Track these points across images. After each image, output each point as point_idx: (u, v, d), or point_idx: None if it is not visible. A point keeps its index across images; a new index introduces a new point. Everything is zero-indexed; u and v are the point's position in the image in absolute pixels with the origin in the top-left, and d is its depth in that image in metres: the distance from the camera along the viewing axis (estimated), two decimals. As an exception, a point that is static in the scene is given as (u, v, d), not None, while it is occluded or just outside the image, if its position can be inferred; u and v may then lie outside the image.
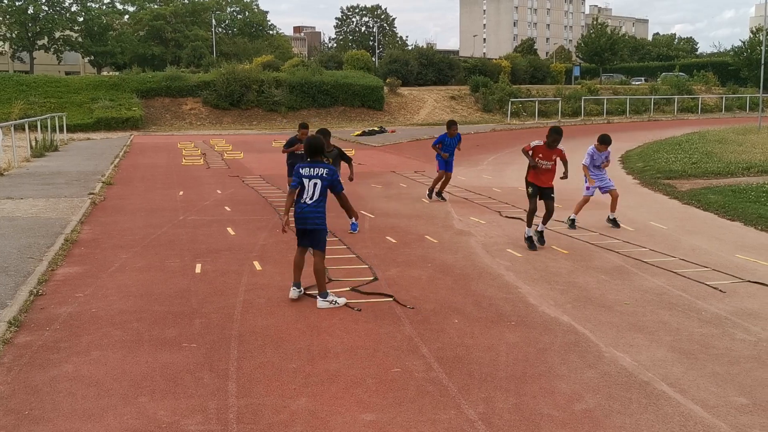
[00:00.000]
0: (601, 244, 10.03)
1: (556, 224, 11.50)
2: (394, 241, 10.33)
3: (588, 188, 11.46)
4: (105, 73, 62.69)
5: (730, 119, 45.84)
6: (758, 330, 6.43)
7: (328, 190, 7.32)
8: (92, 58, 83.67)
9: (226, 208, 13.21)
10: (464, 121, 44.07)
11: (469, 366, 5.56)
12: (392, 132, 35.22)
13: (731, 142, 24.72)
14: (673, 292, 7.67)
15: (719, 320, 6.72)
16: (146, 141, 31.44)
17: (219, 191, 15.41)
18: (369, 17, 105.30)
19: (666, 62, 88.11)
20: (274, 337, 6.17)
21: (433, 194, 14.33)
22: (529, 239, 9.86)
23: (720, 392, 5.11)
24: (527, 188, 10.00)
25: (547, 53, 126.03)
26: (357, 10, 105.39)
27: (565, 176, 10.09)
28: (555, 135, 9.81)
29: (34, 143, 23.52)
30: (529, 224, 9.94)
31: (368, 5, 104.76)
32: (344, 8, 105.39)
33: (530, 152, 9.87)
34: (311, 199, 7.23)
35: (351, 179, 11.34)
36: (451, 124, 14.56)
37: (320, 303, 7.06)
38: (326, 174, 7.26)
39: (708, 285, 7.91)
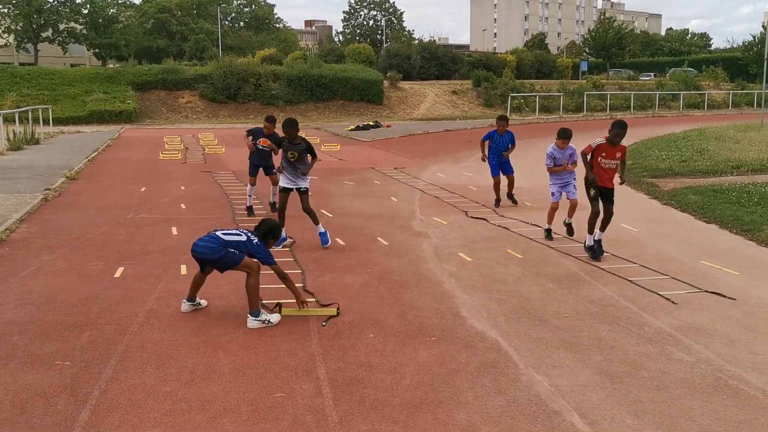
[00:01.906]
0: (561, 248, 9.42)
1: (522, 225, 10.90)
2: (342, 243, 9.75)
3: (553, 194, 10.14)
4: (110, 66, 62.25)
5: (735, 115, 44.91)
6: (699, 349, 5.82)
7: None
8: (97, 50, 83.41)
9: (182, 205, 12.67)
10: (465, 116, 43.47)
11: (363, 391, 4.98)
12: (387, 126, 34.61)
13: (729, 140, 23.94)
14: (620, 303, 7.06)
15: (660, 337, 6.10)
16: (135, 134, 30.97)
17: (183, 187, 14.88)
18: (377, 11, 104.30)
19: (676, 57, 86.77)
20: (161, 354, 5.61)
21: (502, 202, 12.70)
22: (590, 249, 8.86)
23: (636, 425, 4.51)
24: (588, 190, 8.97)
25: (558, 48, 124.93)
26: (365, 4, 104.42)
27: (622, 181, 9.30)
28: (619, 130, 8.68)
29: (12, 136, 23.05)
30: (591, 230, 8.94)
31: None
32: (352, 2, 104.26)
33: (590, 154, 8.85)
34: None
35: (304, 174, 10.57)
36: (501, 120, 12.70)
37: (251, 323, 6.29)
38: None
39: (661, 295, 7.29)
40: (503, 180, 12.88)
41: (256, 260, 6.45)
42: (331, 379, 5.16)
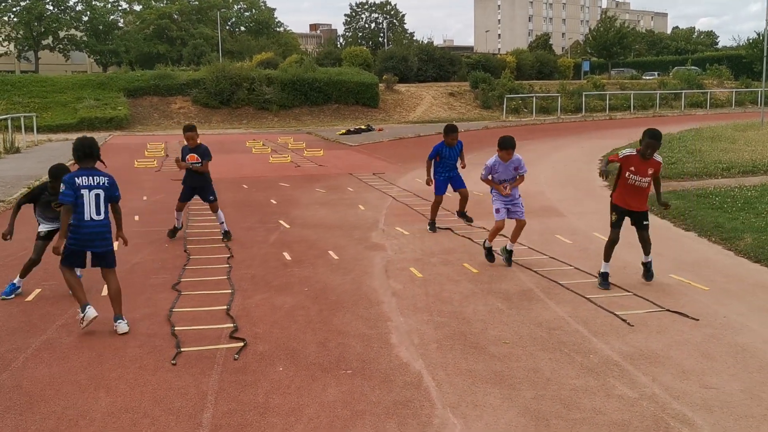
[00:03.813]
0: (522, 261, 8.74)
1: (481, 236, 10.22)
2: (288, 258, 9.11)
3: (497, 210, 8.51)
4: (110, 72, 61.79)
5: (739, 114, 44.09)
6: (646, 382, 5.14)
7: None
8: (98, 57, 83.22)
9: (135, 217, 12.06)
10: (461, 118, 42.76)
11: (245, 439, 4.33)
12: (379, 130, 33.95)
13: (725, 140, 23.21)
14: (570, 326, 6.38)
15: (605, 367, 5.42)
16: (122, 141, 30.47)
17: (145, 198, 14.30)
18: (378, 13, 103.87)
19: (681, 56, 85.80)
20: (34, 396, 4.97)
21: (435, 225, 10.79)
22: (603, 277, 7.56)
23: (550, 484, 3.84)
24: (611, 213, 7.64)
25: (562, 48, 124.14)
26: (366, 6, 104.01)
27: (665, 205, 8.03)
28: (651, 140, 7.18)
29: (-12, 146, 22.54)
30: (607, 258, 7.59)
31: (377, 1, 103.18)
32: (353, 4, 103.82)
33: (613, 160, 7.54)
34: (98, 214, 6.10)
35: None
36: (450, 131, 10.58)
37: (122, 326, 6.18)
38: (107, 183, 6.21)
39: (617, 315, 6.61)
40: (444, 198, 10.87)
41: (115, 264, 6.41)
42: (215, 425, 4.52)
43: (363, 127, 34.45)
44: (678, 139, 23.82)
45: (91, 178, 6.16)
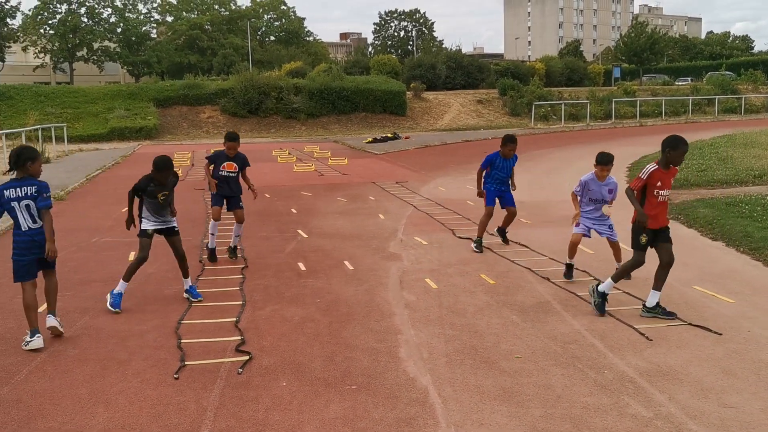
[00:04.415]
0: (541, 272, 8.52)
1: (509, 246, 10.02)
2: (303, 268, 9.00)
3: (578, 224, 8.03)
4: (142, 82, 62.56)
5: (774, 120, 43.20)
6: (662, 400, 4.91)
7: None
8: (131, 68, 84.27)
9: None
10: (489, 125, 42.51)
11: (240, 458, 4.20)
12: (406, 138, 33.81)
13: (758, 146, 22.70)
14: (586, 339, 6.17)
15: (620, 383, 5.21)
16: (150, 151, 30.62)
17: (167, 207, 14.25)
18: (407, 21, 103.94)
19: (714, 61, 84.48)
20: (32, 411, 4.90)
21: (482, 242, 9.89)
22: (600, 294, 6.88)
23: None
24: (639, 237, 6.76)
25: (593, 55, 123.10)
26: (395, 15, 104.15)
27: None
28: (686, 147, 6.62)
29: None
30: (620, 279, 7.10)
31: (407, 9, 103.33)
32: (382, 13, 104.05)
33: (639, 190, 6.68)
34: (34, 222, 6.17)
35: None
36: (509, 141, 9.77)
37: (52, 321, 6.34)
38: (35, 191, 6.18)
39: (635, 329, 6.38)
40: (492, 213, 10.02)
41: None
42: (211, 443, 4.40)
43: (389, 135, 34.33)
44: (710, 146, 23.34)
45: (19, 189, 6.12)
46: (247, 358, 5.82)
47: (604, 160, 7.94)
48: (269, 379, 5.42)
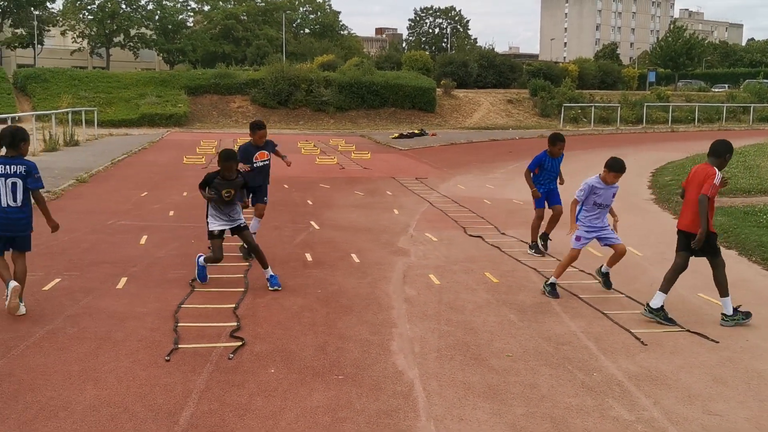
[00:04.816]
0: (546, 273, 8.48)
1: (519, 245, 9.99)
2: (309, 259, 9.06)
3: (578, 238, 7.54)
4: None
5: (810, 130, 42.38)
6: (647, 404, 4.88)
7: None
8: (166, 55, 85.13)
9: (171, 212, 12.19)
10: (518, 125, 42.31)
11: (217, 441, 4.26)
12: (432, 135, 33.77)
13: (788, 156, 22.32)
14: (580, 341, 6.14)
15: (607, 386, 5.18)
16: (178, 138, 30.98)
17: (185, 193, 14.45)
18: (442, 19, 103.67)
19: (754, 69, 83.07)
20: (23, 385, 5.00)
21: (539, 245, 9.66)
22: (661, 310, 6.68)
23: (518, 507, 3.66)
24: (715, 242, 6.78)
25: (630, 59, 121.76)
26: (431, 12, 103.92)
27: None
28: (731, 153, 6.72)
29: (48, 137, 23.13)
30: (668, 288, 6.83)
31: (442, 6, 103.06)
32: (417, 9, 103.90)
33: (714, 195, 6.58)
34: (14, 201, 6.35)
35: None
36: (557, 139, 9.55)
37: (22, 308, 6.50)
38: (24, 171, 6.36)
39: (631, 333, 6.34)
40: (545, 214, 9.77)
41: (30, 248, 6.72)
42: (191, 425, 4.46)
43: (416, 131, 34.29)
44: (738, 154, 22.91)
45: (8, 166, 6.32)
46: (239, 344, 5.88)
47: (620, 168, 7.44)
48: (258, 365, 5.48)
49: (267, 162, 9.19)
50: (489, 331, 6.40)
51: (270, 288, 7.53)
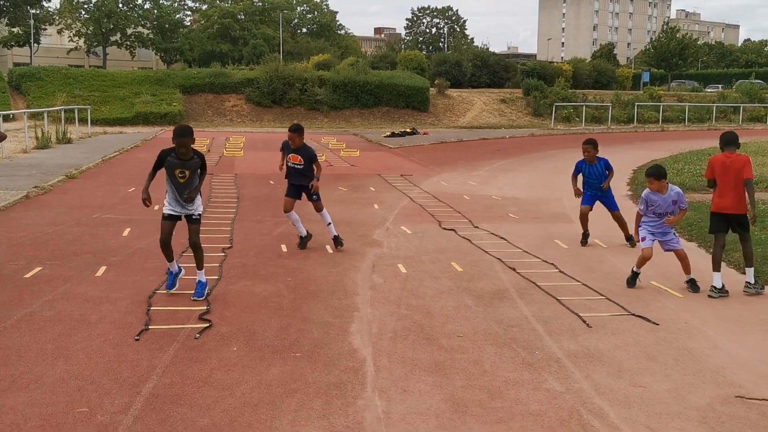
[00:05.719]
0: (509, 262, 8.86)
1: (489, 237, 10.36)
2: (284, 250, 9.44)
3: (643, 239, 7.88)
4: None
5: (799, 130, 42.78)
6: (579, 378, 5.26)
7: None
8: (163, 54, 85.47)
9: (155, 207, 12.50)
10: (511, 125, 42.63)
11: (176, 409, 4.64)
12: (424, 134, 34.11)
13: (766, 154, 22.69)
14: (529, 324, 6.51)
15: (546, 363, 5.56)
16: (171, 136, 31.23)
17: (172, 189, 14.76)
18: (440, 18, 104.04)
19: (747, 69, 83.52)
20: (-1, 358, 5.37)
21: (585, 236, 10.16)
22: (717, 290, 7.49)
23: (442, 464, 4.03)
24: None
25: (627, 59, 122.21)
26: (428, 11, 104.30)
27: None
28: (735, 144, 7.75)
29: (40, 135, 23.46)
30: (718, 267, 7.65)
31: (439, 6, 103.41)
32: (415, 9, 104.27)
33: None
34: None
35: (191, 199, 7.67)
36: (583, 143, 10.23)
37: None
38: None
39: (579, 316, 6.71)
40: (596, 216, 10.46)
41: None
42: (152, 395, 4.83)
43: (408, 130, 34.62)
44: (718, 152, 23.33)
45: None
46: (206, 325, 6.24)
47: (652, 173, 7.85)
48: (222, 344, 5.85)
49: (299, 166, 9.30)
50: (445, 315, 6.77)
51: (192, 298, 6.95)
